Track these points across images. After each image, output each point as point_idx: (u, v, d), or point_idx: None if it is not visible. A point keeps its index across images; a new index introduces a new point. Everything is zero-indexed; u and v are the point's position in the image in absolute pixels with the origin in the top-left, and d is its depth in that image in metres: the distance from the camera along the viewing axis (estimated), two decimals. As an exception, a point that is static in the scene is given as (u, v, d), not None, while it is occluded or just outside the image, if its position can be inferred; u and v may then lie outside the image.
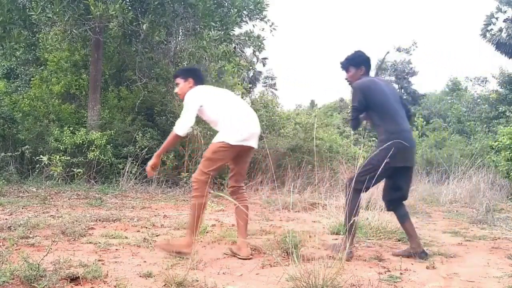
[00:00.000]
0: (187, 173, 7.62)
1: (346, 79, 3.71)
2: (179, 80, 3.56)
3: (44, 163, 7.25)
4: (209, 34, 7.69)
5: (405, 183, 3.50)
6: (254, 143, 3.33)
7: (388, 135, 3.29)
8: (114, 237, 3.75)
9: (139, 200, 6.50)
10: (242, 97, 12.84)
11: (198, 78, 3.55)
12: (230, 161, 3.35)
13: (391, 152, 3.11)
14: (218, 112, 3.32)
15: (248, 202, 3.46)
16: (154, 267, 2.84)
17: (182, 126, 3.29)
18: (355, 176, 3.27)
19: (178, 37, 9.38)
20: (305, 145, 8.98)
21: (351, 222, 3.12)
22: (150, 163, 3.44)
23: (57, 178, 7.26)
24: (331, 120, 12.09)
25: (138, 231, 4.15)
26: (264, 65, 27.75)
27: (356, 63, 3.61)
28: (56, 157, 7.29)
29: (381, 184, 3.78)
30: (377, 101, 3.40)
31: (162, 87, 9.17)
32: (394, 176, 3.39)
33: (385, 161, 3.05)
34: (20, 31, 7.88)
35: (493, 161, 10.12)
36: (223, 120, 3.28)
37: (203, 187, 3.16)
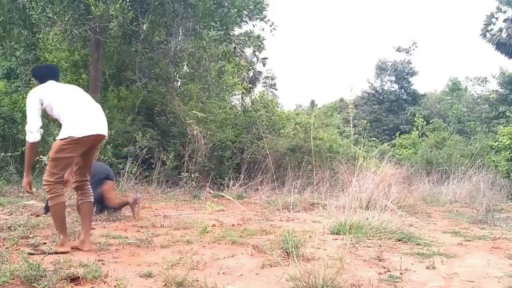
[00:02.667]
0: (187, 173, 7.61)
1: None
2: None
3: (44, 163, 7.23)
4: (209, 34, 7.67)
5: None
6: (102, 130, 3.22)
7: None
8: (114, 237, 3.75)
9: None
10: (242, 97, 12.83)
11: (40, 76, 3.42)
12: (78, 156, 3.22)
13: None
14: (59, 107, 3.17)
15: (92, 198, 3.43)
16: (154, 267, 2.84)
17: (30, 132, 3.16)
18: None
19: (178, 37, 9.37)
20: (305, 145, 8.96)
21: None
22: (24, 183, 3.32)
23: (57, 178, 7.24)
24: (331, 120, 12.03)
25: (138, 231, 4.15)
26: (264, 65, 27.71)
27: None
28: (56, 157, 7.28)
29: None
30: None
31: (162, 87, 9.16)
32: None
33: None
34: (20, 31, 7.86)
35: (493, 161, 10.14)
36: (65, 115, 3.15)
37: (55, 188, 3.12)
